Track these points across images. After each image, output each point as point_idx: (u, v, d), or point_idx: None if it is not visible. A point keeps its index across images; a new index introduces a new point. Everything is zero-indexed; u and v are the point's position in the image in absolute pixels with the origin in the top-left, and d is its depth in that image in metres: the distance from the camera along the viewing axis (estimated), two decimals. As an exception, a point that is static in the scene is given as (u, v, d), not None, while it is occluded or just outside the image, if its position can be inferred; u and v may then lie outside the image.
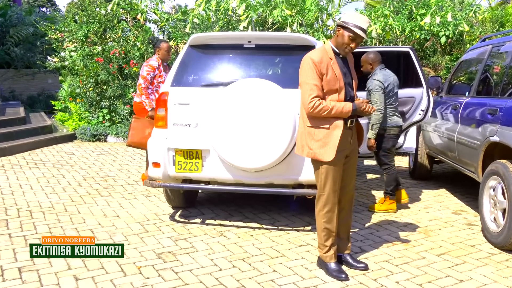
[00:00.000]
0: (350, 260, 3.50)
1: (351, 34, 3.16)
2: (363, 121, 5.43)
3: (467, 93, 5.22)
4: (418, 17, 8.88)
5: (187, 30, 9.37)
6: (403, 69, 5.91)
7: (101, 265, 3.46)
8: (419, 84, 5.41)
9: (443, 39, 8.53)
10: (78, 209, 4.89)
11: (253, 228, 4.38)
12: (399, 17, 8.95)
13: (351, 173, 3.45)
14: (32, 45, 14.93)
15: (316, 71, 3.13)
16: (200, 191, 5.33)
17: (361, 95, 5.66)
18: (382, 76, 4.75)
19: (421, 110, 5.38)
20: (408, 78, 5.66)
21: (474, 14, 9.11)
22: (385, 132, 4.81)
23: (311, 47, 4.15)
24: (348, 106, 3.20)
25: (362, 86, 5.72)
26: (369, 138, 4.78)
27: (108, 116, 10.02)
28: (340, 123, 3.19)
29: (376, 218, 4.75)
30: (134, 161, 7.57)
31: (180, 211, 4.87)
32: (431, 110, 5.66)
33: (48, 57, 13.39)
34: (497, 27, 9.40)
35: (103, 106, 10.06)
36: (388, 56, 6.14)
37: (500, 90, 4.38)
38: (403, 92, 5.42)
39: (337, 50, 3.26)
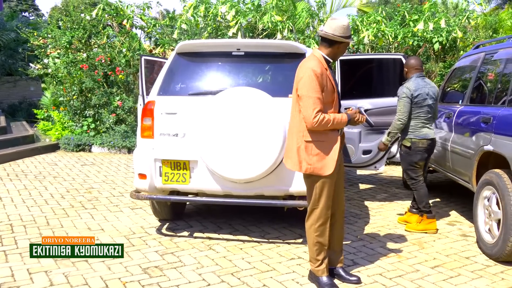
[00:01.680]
0: (342, 273, 3.51)
1: (347, 44, 3.30)
2: (355, 129, 5.50)
3: (460, 101, 5.29)
4: (411, 23, 8.99)
5: (175, 36, 9.40)
6: (396, 77, 5.96)
7: (85, 281, 3.44)
8: None
9: (436, 46, 8.63)
10: (61, 222, 4.86)
11: (243, 241, 4.38)
12: (392, 23, 9.06)
13: (341, 183, 3.48)
14: (14, 51, 14.84)
15: (318, 83, 3.14)
16: (188, 203, 5.32)
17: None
18: (414, 85, 4.62)
19: None
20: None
21: (468, 20, 9.24)
22: (412, 144, 4.65)
23: (302, 55, 4.19)
24: (345, 117, 3.25)
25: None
26: (382, 142, 4.83)
27: (92, 125, 9.98)
28: (337, 135, 3.24)
29: (369, 229, 4.77)
30: (119, 172, 7.54)
31: (167, 224, 4.86)
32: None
33: (31, 64, 13.34)
34: (491, 33, 9.53)
35: (87, 115, 10.03)
36: (381, 63, 6.20)
37: (494, 98, 4.44)
38: (395, 101, 5.46)
39: (329, 59, 3.30)
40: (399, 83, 5.66)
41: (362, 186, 6.82)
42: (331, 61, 3.33)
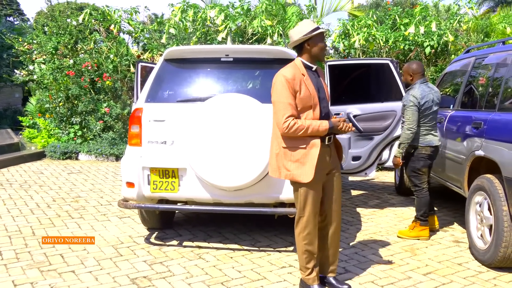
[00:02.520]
0: (333, 281, 3.52)
1: (317, 37, 3.26)
2: (345, 135, 5.52)
3: (451, 105, 5.35)
4: (401, 27, 9.08)
5: (163, 41, 9.42)
6: (383, 82, 6.02)
7: (72, 292, 3.44)
8: (400, 97, 5.49)
9: (427, 50, 8.72)
10: (47, 232, 4.84)
11: (233, 249, 4.39)
12: (383, 27, 9.14)
13: (336, 192, 3.44)
14: (-2, 57, 14.82)
15: (289, 88, 3.16)
16: (177, 211, 5.32)
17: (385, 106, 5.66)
18: (420, 92, 4.57)
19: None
20: (389, 91, 5.77)
21: (459, 24, 9.35)
22: (416, 151, 4.67)
23: (291, 61, 4.21)
24: (324, 124, 3.22)
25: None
26: (395, 156, 4.76)
27: (79, 133, 9.96)
28: (317, 142, 3.22)
29: (361, 236, 4.80)
30: (107, 180, 7.52)
31: (156, 232, 4.86)
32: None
33: (16, 70, 13.29)
34: (482, 37, 9.65)
35: (74, 122, 10.00)
36: (368, 68, 6.26)
37: (485, 103, 4.50)
38: (384, 106, 5.52)
39: (309, 64, 3.32)
40: (389, 88, 5.70)
41: (354, 193, 6.85)
42: (313, 66, 3.34)
